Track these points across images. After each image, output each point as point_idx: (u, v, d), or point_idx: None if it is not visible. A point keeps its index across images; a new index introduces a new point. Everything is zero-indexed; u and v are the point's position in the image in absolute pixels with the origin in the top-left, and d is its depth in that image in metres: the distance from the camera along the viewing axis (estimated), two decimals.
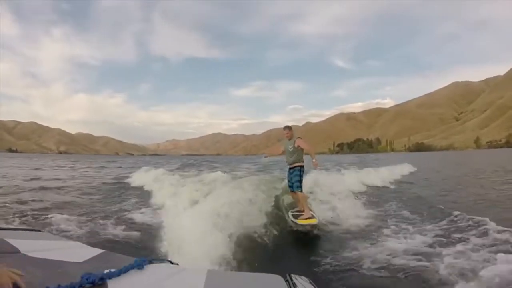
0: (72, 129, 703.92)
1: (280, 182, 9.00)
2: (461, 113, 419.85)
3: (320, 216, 6.27)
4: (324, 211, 7.22)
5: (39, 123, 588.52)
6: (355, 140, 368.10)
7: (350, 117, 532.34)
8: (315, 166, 6.21)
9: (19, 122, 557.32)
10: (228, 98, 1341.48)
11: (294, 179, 6.24)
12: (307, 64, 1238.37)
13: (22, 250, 1.25)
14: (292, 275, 1.37)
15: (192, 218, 5.19)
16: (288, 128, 6.59)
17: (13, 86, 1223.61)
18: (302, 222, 5.65)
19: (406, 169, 19.04)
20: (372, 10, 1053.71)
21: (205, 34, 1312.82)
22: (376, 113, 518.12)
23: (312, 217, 5.79)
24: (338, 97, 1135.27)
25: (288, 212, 6.34)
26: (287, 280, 1.29)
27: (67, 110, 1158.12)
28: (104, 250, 1.51)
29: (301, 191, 6.18)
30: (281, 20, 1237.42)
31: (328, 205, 7.80)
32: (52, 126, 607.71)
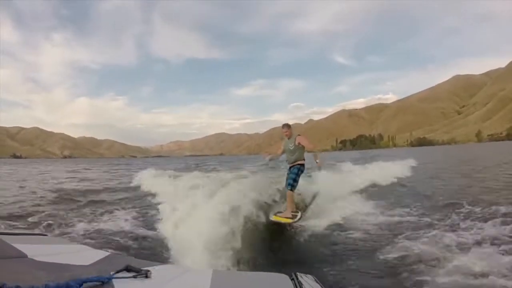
0: (75, 133, 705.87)
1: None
2: (463, 106, 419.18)
3: (329, 217, 6.27)
4: (332, 210, 6.98)
5: (42, 128, 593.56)
6: (357, 136, 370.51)
7: (352, 114, 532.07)
8: (319, 166, 6.12)
9: (22, 128, 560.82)
10: (230, 98, 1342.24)
11: (290, 176, 6.08)
12: (308, 61, 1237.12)
13: (29, 255, 1.26)
14: (298, 273, 1.38)
15: (197, 219, 5.23)
16: (287, 126, 6.37)
17: (15, 92, 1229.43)
18: (275, 218, 5.64)
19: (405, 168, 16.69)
20: (372, 5, 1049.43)
21: (205, 35, 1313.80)
22: (378, 109, 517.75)
23: (291, 218, 5.67)
24: (340, 94, 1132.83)
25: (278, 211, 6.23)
26: (293, 279, 1.30)
27: (69, 114, 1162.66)
28: (110, 253, 1.53)
29: (291, 189, 5.98)
30: (281, 18, 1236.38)
31: (336, 205, 7.55)
32: (55, 130, 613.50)
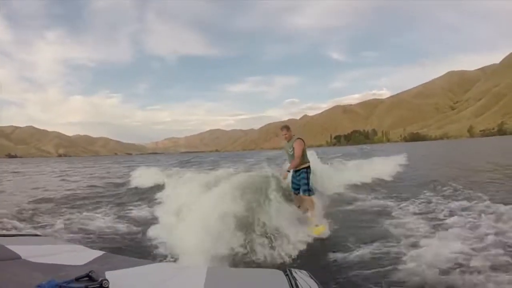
0: (70, 132, 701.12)
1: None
2: (457, 102, 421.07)
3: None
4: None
5: (37, 127, 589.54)
6: (351, 132, 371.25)
7: (346, 109, 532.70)
8: (283, 177, 5.97)
9: (16, 127, 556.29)
10: (225, 94, 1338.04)
11: (302, 182, 5.77)
12: (303, 57, 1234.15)
13: (23, 256, 1.25)
14: (292, 269, 1.39)
15: (192, 215, 5.21)
16: (286, 128, 6.01)
17: (9, 91, 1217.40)
18: (315, 232, 5.18)
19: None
20: (367, 0, 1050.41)
21: (199, 32, 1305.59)
22: (373, 105, 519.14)
23: (319, 224, 5.45)
24: (334, 89, 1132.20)
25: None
26: (287, 274, 1.30)
27: (64, 113, 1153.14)
28: (105, 252, 1.53)
29: (309, 194, 5.70)
30: (275, 13, 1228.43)
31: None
32: (49, 129, 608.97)
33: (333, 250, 4.59)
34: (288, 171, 5.89)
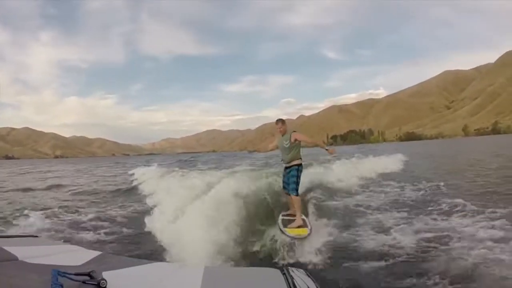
0: (66, 133, 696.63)
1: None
2: (452, 101, 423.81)
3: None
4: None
5: (33, 128, 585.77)
6: (348, 131, 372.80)
7: (342, 109, 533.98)
8: (331, 153, 5.99)
9: (12, 129, 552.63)
10: (220, 94, 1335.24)
11: (291, 180, 5.53)
12: (298, 56, 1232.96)
13: (20, 257, 1.25)
14: (289, 268, 1.41)
15: (189, 215, 5.25)
16: (281, 121, 5.85)
17: (3, 93, 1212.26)
18: (291, 232, 4.91)
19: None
20: None
21: (194, 31, 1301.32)
22: (369, 104, 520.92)
23: (303, 226, 5.16)
24: (330, 89, 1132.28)
25: (280, 215, 5.75)
26: (284, 273, 1.31)
27: (59, 114, 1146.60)
28: (102, 252, 1.53)
29: (296, 194, 5.49)
30: (270, 12, 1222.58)
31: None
32: (45, 130, 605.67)
33: (331, 248, 4.62)
34: (327, 148, 5.92)
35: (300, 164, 5.64)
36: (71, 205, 8.74)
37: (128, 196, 10.41)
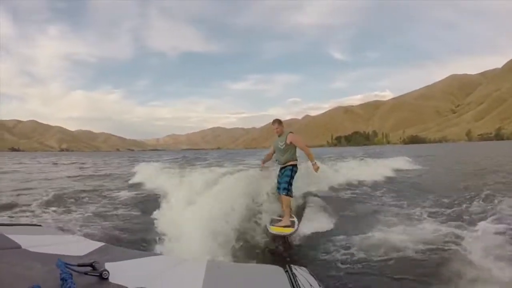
0: (71, 127, 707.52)
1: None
2: (458, 105, 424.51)
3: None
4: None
5: (39, 121, 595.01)
6: (352, 133, 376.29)
7: (348, 110, 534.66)
8: (315, 170, 5.55)
9: (19, 121, 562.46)
10: (226, 91, 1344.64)
11: (283, 179, 5.46)
12: (305, 56, 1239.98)
13: (23, 246, 1.26)
14: (292, 266, 1.38)
15: (193, 210, 5.25)
16: (277, 122, 5.73)
17: (11, 86, 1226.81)
18: (274, 230, 4.94)
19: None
20: None
21: (201, 28, 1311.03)
22: (374, 106, 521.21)
23: (290, 226, 5.10)
24: (337, 89, 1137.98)
25: (271, 217, 5.68)
26: (287, 271, 1.30)
27: (65, 107, 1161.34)
28: (105, 243, 1.53)
29: (286, 194, 5.39)
30: (277, 11, 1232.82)
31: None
32: (51, 124, 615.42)
33: (334, 248, 4.58)
34: (314, 162, 5.53)
35: (295, 165, 5.56)
36: (75, 195, 8.90)
37: (135, 189, 10.26)
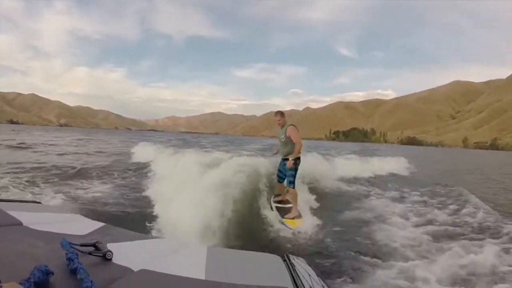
0: (71, 102, 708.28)
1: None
2: (458, 112, 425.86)
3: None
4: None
5: (39, 95, 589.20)
6: (351, 129, 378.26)
7: (348, 106, 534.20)
8: (289, 164, 5.42)
9: (19, 94, 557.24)
10: (229, 78, 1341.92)
11: (288, 173, 5.49)
12: (311, 49, 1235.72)
13: (24, 223, 1.25)
14: (290, 255, 1.41)
15: (189, 195, 5.25)
16: (280, 114, 5.76)
17: (14, 59, 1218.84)
18: (289, 223, 5.11)
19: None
20: None
21: (209, 14, 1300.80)
22: (375, 104, 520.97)
23: (299, 216, 5.33)
24: (339, 85, 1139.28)
25: (271, 200, 5.95)
26: (284, 260, 1.32)
27: (67, 83, 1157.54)
28: (106, 224, 1.52)
29: (293, 187, 5.48)
30: (288, 3, 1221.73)
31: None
32: (52, 98, 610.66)
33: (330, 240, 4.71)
34: (293, 159, 5.46)
35: (298, 158, 5.54)
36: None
37: (133, 172, 10.26)
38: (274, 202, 5.86)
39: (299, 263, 1.36)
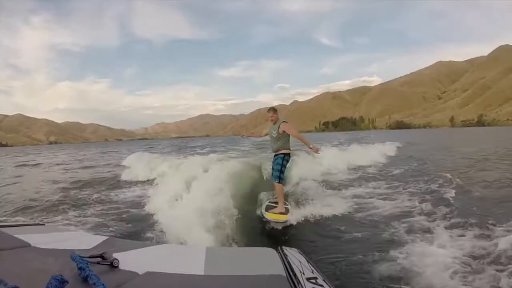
0: (58, 119, 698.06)
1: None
2: (444, 92, 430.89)
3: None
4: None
5: (25, 114, 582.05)
6: (339, 118, 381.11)
7: (336, 96, 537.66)
8: (315, 152, 5.47)
9: (5, 116, 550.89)
10: (214, 78, 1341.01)
11: (275, 167, 5.63)
12: (293, 41, 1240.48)
13: (32, 244, 1.32)
14: (284, 247, 1.50)
15: (187, 199, 5.31)
16: (272, 110, 5.82)
17: None
18: (270, 216, 5.12)
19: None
20: None
21: (187, 13, 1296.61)
22: (361, 92, 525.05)
23: (285, 213, 5.27)
24: (325, 75, 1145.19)
25: (266, 201, 5.89)
26: (279, 252, 1.42)
27: (52, 99, 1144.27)
28: (109, 237, 1.65)
29: (279, 181, 5.56)
30: None
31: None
32: (38, 116, 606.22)
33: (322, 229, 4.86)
34: (316, 147, 5.43)
35: (287, 154, 5.63)
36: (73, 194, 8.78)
37: (128, 182, 10.24)
38: (268, 202, 5.84)
39: (292, 253, 1.45)
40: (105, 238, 1.58)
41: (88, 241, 1.49)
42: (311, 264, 1.35)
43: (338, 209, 5.77)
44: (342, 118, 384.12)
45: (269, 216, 5.11)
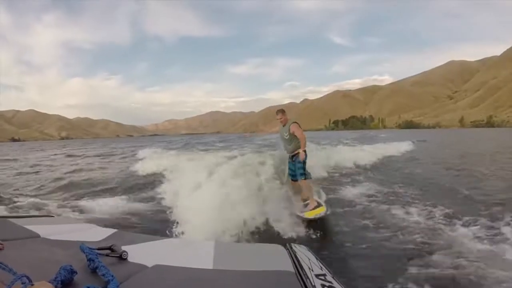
0: (70, 114, 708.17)
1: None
2: (455, 92, 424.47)
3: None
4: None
5: (37, 110, 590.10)
6: (349, 117, 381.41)
7: (346, 95, 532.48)
8: (300, 157, 5.44)
9: (17, 111, 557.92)
10: (225, 75, 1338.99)
11: (297, 166, 5.55)
12: (305, 40, 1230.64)
13: (41, 235, 1.34)
14: (292, 244, 1.50)
15: (201, 194, 5.35)
16: (281, 112, 5.77)
17: (7, 75, 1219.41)
18: (309, 215, 5.08)
19: None
20: None
21: (200, 11, 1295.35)
22: (372, 91, 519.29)
23: (319, 206, 5.26)
24: (336, 74, 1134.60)
25: (293, 204, 5.80)
26: (287, 249, 1.43)
27: (63, 95, 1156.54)
28: (118, 230, 1.65)
29: (305, 178, 5.55)
30: None
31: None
32: (50, 112, 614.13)
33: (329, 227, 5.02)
34: (303, 150, 5.52)
35: (303, 151, 5.56)
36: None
37: (143, 177, 10.24)
38: (295, 203, 5.87)
39: (301, 250, 1.45)
40: (114, 231, 1.60)
41: (97, 233, 1.51)
42: (319, 261, 1.36)
43: (346, 207, 6.10)
44: (352, 117, 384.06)
45: (308, 215, 5.16)
